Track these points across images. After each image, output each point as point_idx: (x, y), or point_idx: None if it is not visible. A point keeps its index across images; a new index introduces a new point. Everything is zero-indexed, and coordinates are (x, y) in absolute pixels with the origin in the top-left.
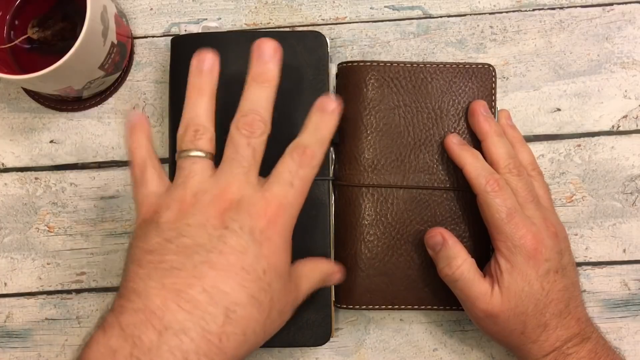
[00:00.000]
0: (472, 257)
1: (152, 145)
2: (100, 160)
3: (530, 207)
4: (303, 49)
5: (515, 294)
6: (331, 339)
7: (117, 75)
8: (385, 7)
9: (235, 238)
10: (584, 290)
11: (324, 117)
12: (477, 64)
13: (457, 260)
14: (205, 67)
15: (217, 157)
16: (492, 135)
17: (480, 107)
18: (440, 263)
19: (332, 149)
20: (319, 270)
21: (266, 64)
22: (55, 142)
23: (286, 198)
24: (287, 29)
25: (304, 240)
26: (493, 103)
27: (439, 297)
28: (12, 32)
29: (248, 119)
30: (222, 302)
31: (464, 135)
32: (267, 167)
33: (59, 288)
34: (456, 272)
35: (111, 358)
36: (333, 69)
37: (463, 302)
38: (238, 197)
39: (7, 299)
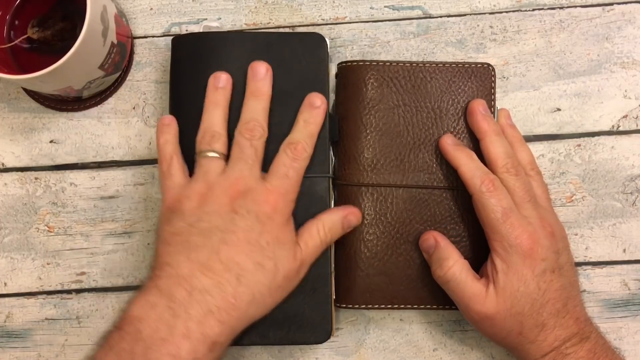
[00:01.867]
0: (472, 256)
1: (178, 144)
2: (100, 160)
3: (527, 206)
4: (303, 50)
5: (511, 294)
6: (331, 339)
7: (117, 75)
8: (385, 7)
9: (243, 220)
10: (584, 290)
11: (312, 112)
12: (476, 64)
13: (448, 261)
14: (220, 84)
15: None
16: (491, 134)
17: (479, 106)
18: (433, 265)
19: (331, 148)
20: (323, 224)
21: (260, 81)
22: (55, 142)
23: (283, 187)
24: (287, 29)
25: None
26: (493, 102)
27: (438, 296)
28: (12, 32)
29: (249, 125)
30: (234, 270)
31: (463, 135)
32: (264, 167)
33: (59, 288)
34: (448, 273)
35: (152, 309)
36: (333, 69)
37: (458, 304)
38: (245, 189)
39: (7, 299)
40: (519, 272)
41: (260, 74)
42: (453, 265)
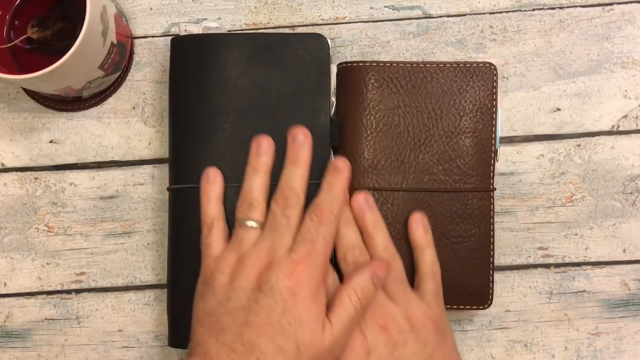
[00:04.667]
0: (473, 256)
1: (221, 204)
2: (100, 160)
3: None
4: (304, 51)
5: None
6: None
7: (117, 75)
8: (385, 7)
9: (266, 299)
10: (584, 291)
11: (336, 175)
12: (477, 63)
13: None
14: (262, 149)
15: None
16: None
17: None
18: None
19: (331, 151)
20: (354, 289)
21: (298, 147)
22: (55, 142)
23: (310, 256)
24: (287, 29)
25: None
26: (495, 102)
27: None
28: (12, 32)
29: (284, 193)
30: (254, 352)
31: (465, 135)
32: (276, 172)
33: (59, 288)
34: None
35: None
36: (333, 69)
37: None
38: (271, 261)
39: (6, 299)
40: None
41: (299, 140)
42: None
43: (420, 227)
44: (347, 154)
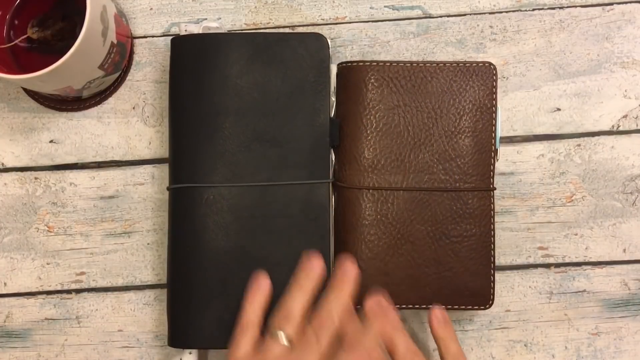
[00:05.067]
0: (473, 256)
1: (263, 312)
2: (100, 160)
3: None
4: (304, 50)
5: None
6: None
7: (117, 75)
8: (385, 6)
9: None
10: (584, 291)
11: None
12: (477, 62)
13: None
14: (313, 272)
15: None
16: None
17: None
18: None
19: (331, 151)
20: None
21: (348, 282)
22: (55, 142)
23: None
24: (287, 29)
25: (303, 244)
26: (494, 102)
27: (440, 296)
28: (12, 32)
29: (322, 318)
30: None
31: (465, 134)
32: (264, 170)
33: (59, 288)
34: None
35: None
36: (333, 69)
37: None
38: None
39: (6, 299)
40: None
41: (349, 275)
42: None
43: (442, 324)
44: (347, 154)
